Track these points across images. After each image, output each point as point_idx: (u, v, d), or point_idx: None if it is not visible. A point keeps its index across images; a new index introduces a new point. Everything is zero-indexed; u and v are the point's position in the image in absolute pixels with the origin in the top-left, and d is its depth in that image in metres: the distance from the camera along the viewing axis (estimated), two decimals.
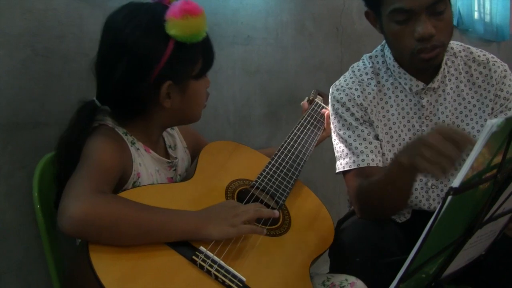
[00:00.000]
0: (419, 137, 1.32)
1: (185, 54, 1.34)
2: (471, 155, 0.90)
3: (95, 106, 1.37)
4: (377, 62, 1.73)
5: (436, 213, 0.92)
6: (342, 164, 1.65)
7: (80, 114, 1.35)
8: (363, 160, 1.62)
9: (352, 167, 1.63)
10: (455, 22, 3.91)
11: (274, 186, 1.54)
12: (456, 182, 0.90)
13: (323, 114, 1.89)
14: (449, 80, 1.68)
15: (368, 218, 1.56)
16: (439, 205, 0.93)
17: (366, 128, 1.65)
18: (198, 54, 1.38)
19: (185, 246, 1.23)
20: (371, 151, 1.63)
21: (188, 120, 1.49)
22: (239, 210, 1.31)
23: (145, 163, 1.40)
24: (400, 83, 1.68)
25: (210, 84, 1.49)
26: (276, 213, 1.38)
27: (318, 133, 1.82)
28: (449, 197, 0.91)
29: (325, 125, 1.88)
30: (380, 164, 1.63)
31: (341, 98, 1.67)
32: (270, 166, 1.60)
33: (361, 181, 1.58)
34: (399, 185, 1.45)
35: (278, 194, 1.53)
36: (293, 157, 1.67)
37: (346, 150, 1.65)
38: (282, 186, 1.56)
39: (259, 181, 1.54)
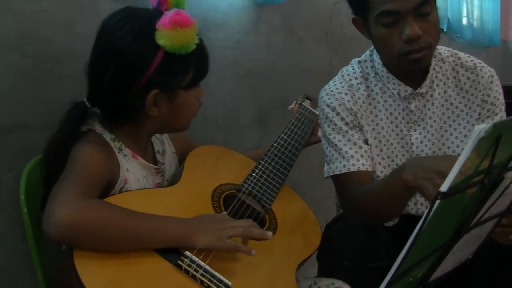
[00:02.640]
0: (432, 161, 1.31)
1: (174, 64, 1.32)
2: (459, 160, 0.90)
3: (85, 107, 1.36)
4: (366, 67, 1.73)
5: (424, 217, 0.92)
6: (332, 168, 1.65)
7: (70, 115, 1.34)
8: (353, 165, 1.62)
9: (343, 171, 1.62)
10: (444, 27, 3.93)
11: (261, 191, 1.54)
12: (444, 187, 0.90)
13: (311, 118, 1.89)
14: (437, 85, 1.68)
15: (358, 222, 1.56)
16: (427, 209, 0.93)
17: (356, 132, 1.65)
18: (189, 65, 1.36)
19: (171, 252, 1.22)
20: (362, 156, 1.63)
21: (176, 128, 1.48)
22: (228, 224, 1.29)
23: (132, 169, 1.39)
24: (388, 88, 1.68)
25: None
26: (269, 234, 1.35)
27: (305, 137, 1.82)
28: (437, 201, 0.91)
29: (316, 130, 1.88)
30: (370, 169, 1.64)
31: (331, 102, 1.67)
32: (256, 170, 1.60)
33: (354, 186, 1.58)
34: (396, 199, 1.44)
35: (264, 198, 1.53)
36: (280, 161, 1.66)
37: (336, 155, 1.65)
38: (269, 190, 1.56)
39: (245, 185, 1.54)
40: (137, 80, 1.30)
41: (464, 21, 4.23)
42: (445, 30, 3.95)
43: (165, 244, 1.22)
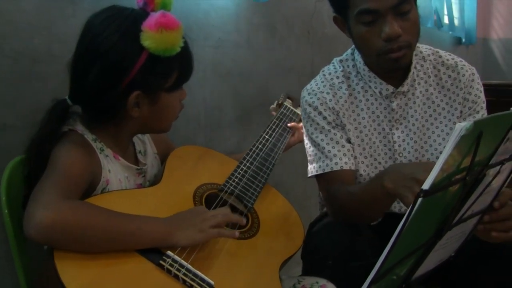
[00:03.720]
0: (412, 168, 1.31)
1: (158, 66, 1.32)
2: (441, 157, 0.92)
3: (67, 105, 1.35)
4: (348, 66, 1.74)
5: (407, 215, 0.93)
6: (315, 168, 1.66)
7: (52, 113, 1.34)
8: (336, 164, 1.63)
9: (326, 171, 1.63)
10: (431, 25, 3.96)
11: (243, 190, 1.55)
12: (426, 184, 0.91)
13: (292, 117, 1.90)
14: (419, 83, 1.69)
15: (342, 222, 1.57)
16: (410, 207, 0.94)
17: (338, 131, 1.66)
18: (173, 68, 1.36)
19: (153, 251, 1.22)
20: (344, 155, 1.64)
21: (157, 130, 1.48)
22: (207, 215, 1.31)
23: (114, 170, 1.39)
24: (370, 87, 1.69)
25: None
26: (243, 220, 1.39)
27: (287, 136, 1.83)
28: (420, 199, 0.92)
29: (297, 130, 1.89)
30: (353, 168, 1.65)
31: (313, 102, 1.68)
32: (238, 170, 1.61)
33: (337, 186, 1.59)
34: (378, 203, 1.46)
35: (246, 198, 1.53)
36: (261, 160, 1.67)
37: (319, 154, 1.66)
38: (251, 190, 1.56)
39: (227, 185, 1.54)
40: (120, 81, 1.30)
41: (446, 19, 4.27)
42: (430, 26, 3.97)
43: (147, 245, 1.22)
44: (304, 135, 1.74)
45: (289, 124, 1.87)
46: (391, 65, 1.58)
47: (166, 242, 1.24)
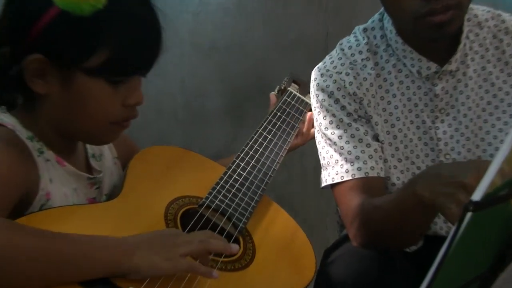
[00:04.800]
0: (454, 169, 1.30)
1: (73, 30, 1.29)
2: (498, 157, 0.91)
3: None
4: (374, 37, 1.74)
5: (452, 234, 0.93)
6: (331, 175, 1.66)
7: None
8: (359, 169, 1.62)
9: (345, 179, 1.63)
10: None
11: (232, 205, 1.55)
12: (477, 194, 0.91)
13: (299, 107, 1.90)
14: (472, 59, 1.69)
15: (367, 248, 1.57)
16: (456, 225, 0.94)
17: (361, 126, 1.66)
18: (98, 39, 1.30)
19: (100, 284, 1.20)
20: (370, 157, 1.64)
21: (80, 132, 1.43)
22: (180, 239, 1.29)
23: (57, 180, 1.38)
24: (405, 65, 1.69)
25: (146, 84, 1.43)
26: (234, 248, 1.36)
27: (292, 133, 1.83)
28: (468, 214, 0.92)
29: (304, 128, 1.90)
30: (382, 174, 1.65)
31: (328, 86, 1.68)
32: (226, 178, 1.61)
33: (361, 199, 1.58)
34: (412, 219, 1.44)
35: (236, 215, 1.53)
36: (257, 165, 1.68)
37: (336, 156, 1.66)
38: (243, 204, 1.56)
39: (210, 197, 1.54)
40: (23, 37, 1.30)
41: None
42: None
43: (94, 273, 1.19)
44: (316, 131, 1.74)
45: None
46: (433, 33, 1.56)
47: (119, 267, 1.20)
